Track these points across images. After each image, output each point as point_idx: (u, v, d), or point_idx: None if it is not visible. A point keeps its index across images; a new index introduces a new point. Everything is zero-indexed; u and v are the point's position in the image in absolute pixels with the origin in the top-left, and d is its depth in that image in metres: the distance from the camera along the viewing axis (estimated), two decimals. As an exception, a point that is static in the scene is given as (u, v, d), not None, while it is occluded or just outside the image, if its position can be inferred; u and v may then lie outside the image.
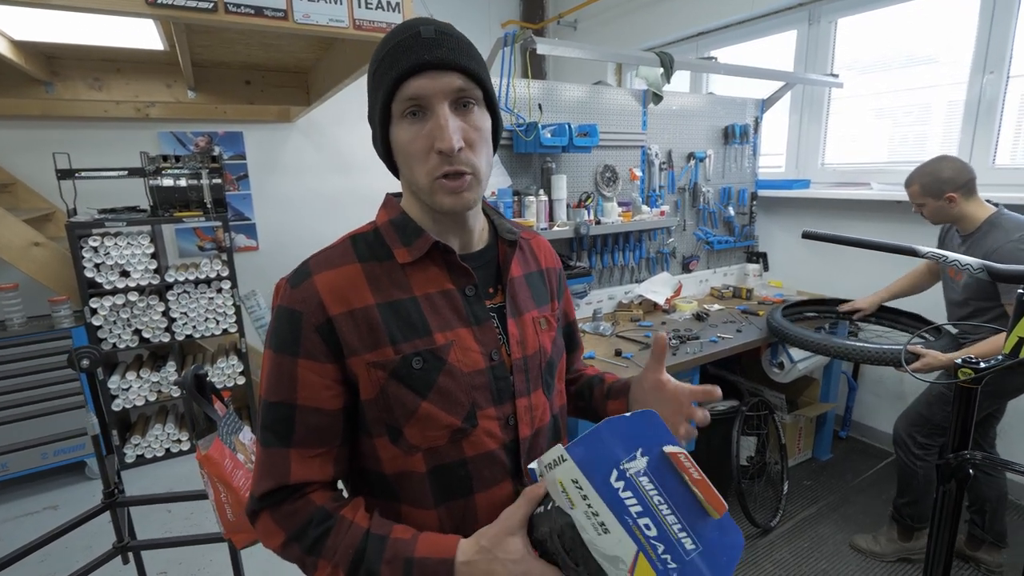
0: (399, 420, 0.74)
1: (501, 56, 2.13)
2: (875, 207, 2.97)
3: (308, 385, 0.72)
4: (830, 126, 3.30)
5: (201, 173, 3.14)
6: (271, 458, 0.73)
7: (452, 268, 0.78)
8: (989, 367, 1.03)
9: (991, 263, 1.00)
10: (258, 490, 0.73)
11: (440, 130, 0.68)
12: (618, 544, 0.55)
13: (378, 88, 0.71)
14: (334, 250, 0.77)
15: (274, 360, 0.73)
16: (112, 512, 1.72)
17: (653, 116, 2.90)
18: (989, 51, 2.55)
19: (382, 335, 0.73)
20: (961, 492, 1.12)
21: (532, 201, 2.41)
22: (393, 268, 0.76)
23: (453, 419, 0.74)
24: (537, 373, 0.83)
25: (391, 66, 0.69)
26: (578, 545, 0.58)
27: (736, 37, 3.70)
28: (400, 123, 0.71)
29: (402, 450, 0.75)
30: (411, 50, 0.68)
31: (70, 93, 3.28)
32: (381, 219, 0.81)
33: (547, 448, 0.84)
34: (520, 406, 0.80)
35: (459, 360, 0.75)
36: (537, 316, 0.86)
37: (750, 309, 2.85)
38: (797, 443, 2.99)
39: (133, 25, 2.40)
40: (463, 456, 0.76)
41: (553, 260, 0.96)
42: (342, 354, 0.72)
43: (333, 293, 0.72)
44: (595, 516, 0.56)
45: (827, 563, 2.28)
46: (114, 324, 3.01)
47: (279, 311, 0.74)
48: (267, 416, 0.74)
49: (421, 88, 0.68)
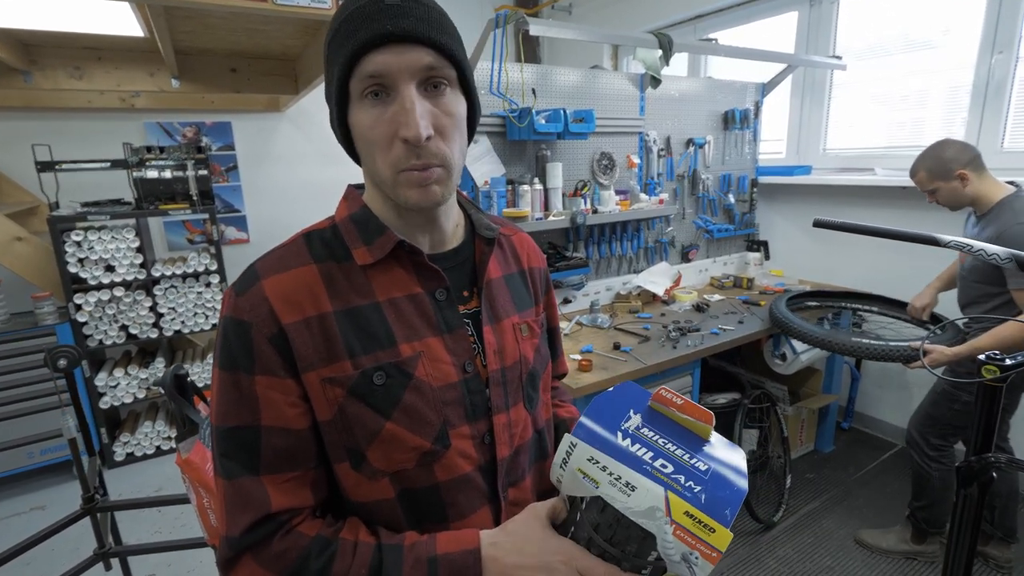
0: (360, 443, 0.65)
1: (492, 39, 2.04)
2: (880, 193, 2.90)
3: (270, 404, 0.63)
4: (832, 110, 3.22)
5: (187, 164, 3.06)
6: (242, 489, 0.62)
7: (420, 269, 0.69)
8: (1017, 364, 0.96)
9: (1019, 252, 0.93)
10: (236, 528, 0.61)
11: (406, 115, 0.59)
12: (647, 494, 0.57)
13: (333, 62, 0.61)
14: (286, 250, 0.68)
15: (227, 380, 0.63)
16: (92, 518, 1.66)
17: (651, 101, 2.81)
18: (998, 31, 2.46)
19: (339, 347, 0.64)
20: (983, 497, 1.05)
21: (527, 190, 2.33)
22: (353, 270, 0.67)
23: (422, 440, 0.66)
24: (517, 386, 0.75)
25: (348, 36, 0.58)
26: (618, 526, 0.60)
27: (735, 19, 3.59)
28: (360, 104, 0.61)
29: (365, 476, 0.66)
30: (372, 18, 0.57)
31: (50, 83, 3.17)
32: (340, 214, 0.71)
33: (529, 466, 0.77)
34: (497, 423, 0.71)
35: (428, 374, 0.67)
36: (518, 322, 0.77)
37: (751, 299, 2.79)
38: (799, 435, 2.94)
39: (110, 10, 2.31)
40: (435, 481, 0.67)
41: (537, 259, 0.87)
42: (296, 368, 0.63)
43: (285, 299, 0.63)
44: (619, 480, 0.59)
45: (831, 559, 2.24)
46: (100, 320, 2.93)
47: (225, 323, 0.64)
48: (226, 444, 0.63)
49: (384, 64, 0.58)
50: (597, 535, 0.61)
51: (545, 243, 2.57)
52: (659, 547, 0.57)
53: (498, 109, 2.30)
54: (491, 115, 2.30)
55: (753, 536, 2.38)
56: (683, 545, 0.56)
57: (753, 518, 2.37)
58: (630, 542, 0.60)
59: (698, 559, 0.56)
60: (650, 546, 0.59)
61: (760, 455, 2.65)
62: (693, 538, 0.56)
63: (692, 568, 0.57)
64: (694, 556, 0.56)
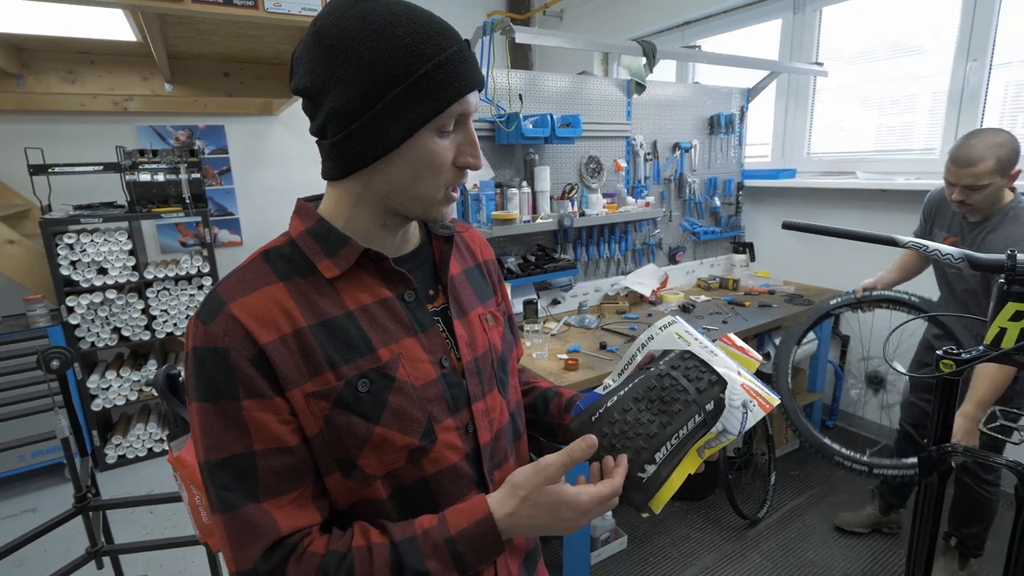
0: (351, 452, 0.66)
1: (480, 45, 2.09)
2: (861, 196, 2.96)
3: (261, 427, 0.62)
4: (816, 115, 3.29)
5: (179, 167, 3.09)
6: (246, 518, 0.61)
7: (386, 274, 0.71)
8: (972, 357, 1.01)
9: (972, 253, 0.98)
10: (249, 560, 0.60)
11: (474, 147, 0.68)
12: (726, 360, 0.76)
13: (427, 95, 0.63)
14: (245, 272, 0.67)
15: (210, 411, 0.62)
16: (84, 516, 1.68)
17: (638, 106, 2.87)
18: (972, 39, 2.54)
19: (319, 360, 0.64)
20: (943, 485, 1.10)
21: (515, 193, 2.37)
22: (320, 283, 0.68)
23: (410, 439, 0.68)
24: (490, 373, 0.79)
25: (454, 77, 0.63)
26: (696, 370, 0.75)
27: (722, 26, 3.66)
28: (430, 133, 0.65)
29: (358, 482, 0.67)
30: (469, 64, 0.65)
31: (43, 87, 3.19)
32: (296, 229, 0.71)
33: (510, 449, 0.81)
34: (477, 411, 0.75)
35: (409, 374, 0.69)
36: (483, 313, 0.81)
37: (737, 300, 2.84)
38: (784, 433, 2.99)
39: (104, 15, 2.34)
40: (423, 475, 0.70)
41: (489, 252, 0.92)
42: (281, 387, 0.63)
43: (258, 319, 0.63)
44: (705, 347, 0.77)
45: (814, 552, 2.29)
46: (92, 323, 2.95)
47: (197, 355, 0.62)
48: (219, 478, 0.62)
49: (471, 105, 0.67)
50: (676, 371, 0.75)
51: (534, 245, 2.61)
52: (727, 391, 0.72)
53: (487, 114, 2.35)
54: (480, 120, 2.34)
55: (738, 532, 2.43)
56: (745, 394, 0.72)
57: (738, 514, 2.42)
58: (703, 382, 0.74)
59: (754, 406, 0.72)
60: (716, 392, 0.73)
61: (745, 453, 2.71)
62: (753, 394, 0.73)
63: (747, 413, 0.72)
64: (752, 404, 0.72)
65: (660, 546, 2.36)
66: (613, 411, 0.75)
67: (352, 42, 0.61)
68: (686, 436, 0.72)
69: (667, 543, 2.37)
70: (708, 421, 0.71)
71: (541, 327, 2.44)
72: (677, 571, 2.22)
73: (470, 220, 2.38)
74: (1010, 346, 0.95)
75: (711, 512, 2.57)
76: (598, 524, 2.29)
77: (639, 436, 0.72)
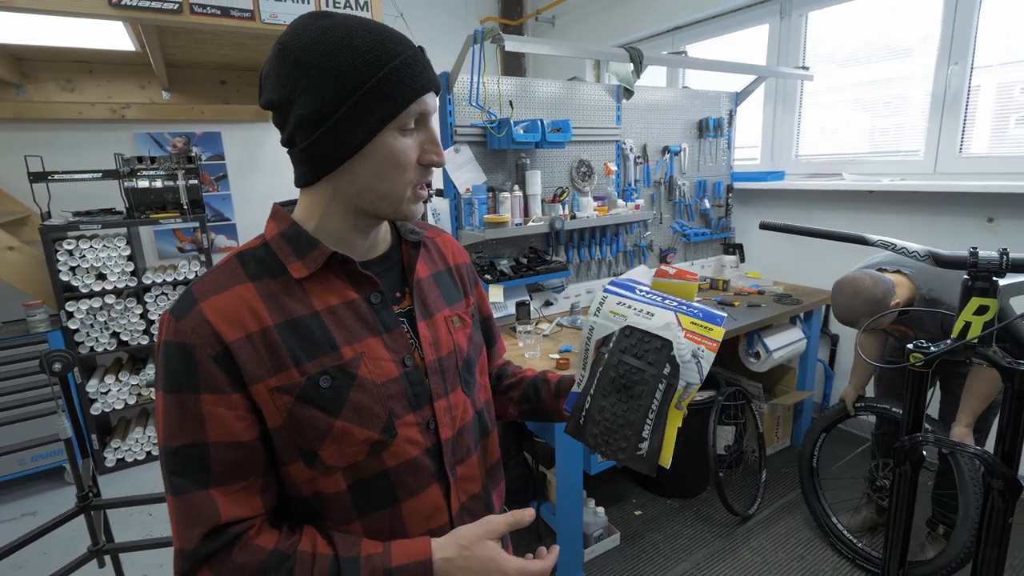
0: (312, 442, 0.70)
1: (472, 53, 2.14)
2: (847, 197, 3.02)
3: (217, 420, 0.66)
4: (803, 118, 3.35)
5: (177, 174, 3.13)
6: (191, 503, 0.65)
7: (354, 277, 0.75)
8: (939, 351, 1.06)
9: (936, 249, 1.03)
10: (189, 542, 0.64)
11: (435, 145, 0.72)
12: (663, 314, 0.80)
13: (384, 96, 0.67)
14: (220, 272, 0.71)
15: (171, 402, 0.66)
16: (87, 515, 1.71)
17: (627, 110, 2.92)
18: (953, 43, 2.60)
19: (284, 357, 0.69)
20: (916, 473, 1.15)
21: (507, 197, 2.42)
22: (289, 283, 0.72)
23: (370, 433, 0.72)
24: (454, 373, 0.83)
25: (408, 80, 0.68)
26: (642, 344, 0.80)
27: (711, 31, 3.73)
28: (392, 133, 0.69)
29: (319, 471, 0.71)
30: (423, 68, 0.70)
31: (42, 95, 3.24)
32: (270, 231, 0.76)
33: (474, 446, 0.86)
34: (439, 408, 0.79)
35: (370, 372, 0.73)
36: (449, 315, 0.85)
37: (727, 300, 2.89)
38: (775, 432, 3.03)
39: (102, 26, 2.38)
40: (384, 468, 0.74)
41: (462, 256, 0.96)
42: (243, 383, 0.68)
43: (226, 318, 0.67)
44: (640, 312, 0.82)
45: (803, 548, 2.33)
46: (91, 327, 2.98)
47: (166, 348, 0.67)
48: (173, 463, 0.66)
49: (431, 105, 0.72)
50: (626, 354, 0.80)
51: (526, 248, 2.66)
52: (675, 350, 0.77)
53: (479, 120, 2.40)
54: (472, 125, 2.39)
55: (729, 528, 2.47)
56: (692, 343, 0.77)
57: (729, 510, 2.46)
58: (651, 353, 0.79)
59: (704, 351, 0.77)
60: (666, 355, 0.78)
61: (736, 450, 2.75)
62: (698, 337, 0.77)
63: (699, 362, 0.77)
64: (700, 350, 0.77)
65: (652, 543, 2.40)
66: (593, 414, 0.82)
67: (314, 54, 0.66)
68: (659, 406, 0.78)
69: (659, 540, 2.41)
70: (672, 383, 0.78)
71: (534, 328, 2.48)
72: (669, 567, 2.26)
73: (463, 224, 2.42)
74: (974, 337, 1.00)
75: (702, 510, 2.61)
76: (591, 522, 2.33)
77: (622, 427, 0.79)
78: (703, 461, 2.57)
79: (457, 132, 2.36)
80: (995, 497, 0.98)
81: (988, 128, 2.61)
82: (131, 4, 1.60)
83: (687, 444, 2.53)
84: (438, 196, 3.03)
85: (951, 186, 2.52)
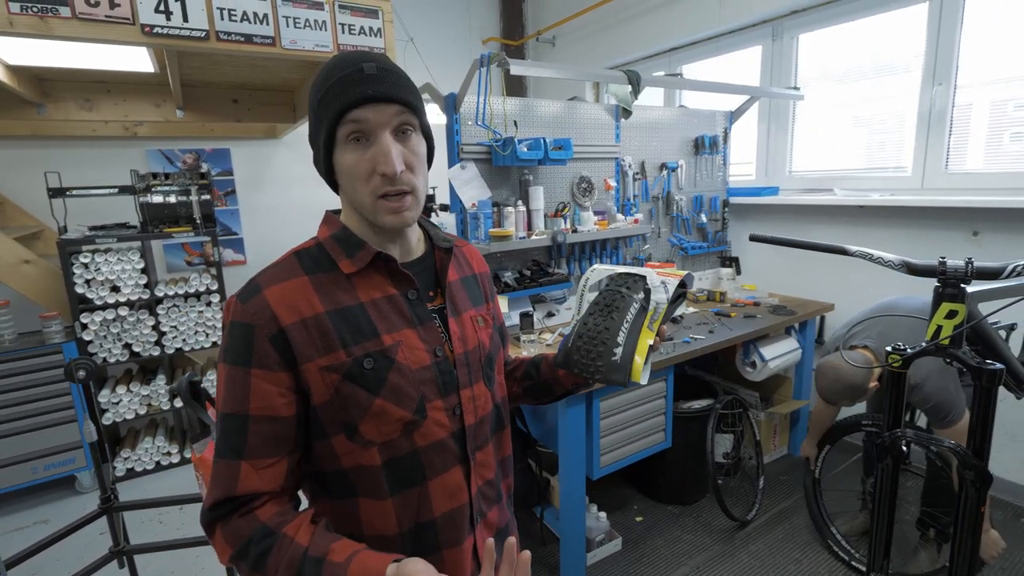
0: (354, 417, 0.79)
1: (478, 76, 2.25)
2: (838, 211, 3.13)
3: (261, 394, 0.76)
4: (796, 135, 3.47)
5: (190, 189, 3.23)
6: (222, 469, 0.76)
7: (394, 275, 0.85)
8: (915, 352, 1.15)
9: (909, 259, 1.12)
10: (208, 501, 0.76)
11: (384, 156, 0.76)
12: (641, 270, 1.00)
13: (323, 116, 0.77)
14: (280, 266, 0.83)
15: (228, 373, 0.77)
16: (109, 517, 1.78)
17: (626, 129, 3.04)
18: (937, 64, 2.72)
19: (334, 340, 0.78)
20: (897, 468, 1.23)
21: (511, 211, 2.52)
22: (339, 278, 0.82)
23: (404, 412, 0.81)
24: (478, 367, 0.92)
25: (336, 97, 0.75)
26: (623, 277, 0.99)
27: (706, 52, 3.87)
28: (344, 147, 0.78)
29: (359, 445, 0.80)
30: (356, 84, 0.75)
31: (61, 114, 3.34)
32: (323, 234, 0.87)
33: (491, 434, 0.95)
34: (464, 396, 0.88)
35: (407, 358, 0.82)
36: (474, 315, 0.95)
37: (723, 311, 2.98)
38: (773, 440, 3.10)
39: (126, 50, 2.49)
40: (415, 447, 0.83)
41: (484, 266, 1.06)
42: (295, 362, 0.77)
43: (284, 304, 0.77)
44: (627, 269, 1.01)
45: (800, 552, 2.39)
46: (104, 339, 3.06)
47: (232, 327, 0.78)
48: (221, 427, 0.78)
49: (365, 117, 0.76)
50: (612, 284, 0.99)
51: (529, 260, 2.75)
52: (648, 280, 0.97)
53: (484, 139, 2.50)
54: (478, 144, 2.50)
55: (728, 534, 2.53)
56: (660, 276, 0.97)
57: (728, 516, 2.52)
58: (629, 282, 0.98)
59: (670, 280, 0.97)
60: (642, 284, 0.97)
61: (734, 457, 2.82)
62: (667, 274, 0.98)
63: (666, 287, 0.96)
64: (668, 280, 0.97)
65: (653, 547, 2.46)
66: (579, 329, 0.97)
67: (311, 89, 0.81)
68: (633, 319, 0.94)
69: (660, 544, 2.47)
70: (644, 305, 0.96)
71: (536, 338, 2.56)
72: (669, 571, 2.32)
73: (469, 237, 2.52)
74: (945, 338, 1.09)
75: (702, 515, 2.68)
76: (593, 527, 2.39)
77: (600, 334, 0.93)
78: (702, 468, 2.64)
79: (464, 150, 2.47)
80: (968, 487, 1.07)
81: (983, 144, 2.71)
82: (163, 32, 1.71)
83: (686, 450, 2.61)
84: (443, 211, 3.14)
85: (937, 201, 2.63)
